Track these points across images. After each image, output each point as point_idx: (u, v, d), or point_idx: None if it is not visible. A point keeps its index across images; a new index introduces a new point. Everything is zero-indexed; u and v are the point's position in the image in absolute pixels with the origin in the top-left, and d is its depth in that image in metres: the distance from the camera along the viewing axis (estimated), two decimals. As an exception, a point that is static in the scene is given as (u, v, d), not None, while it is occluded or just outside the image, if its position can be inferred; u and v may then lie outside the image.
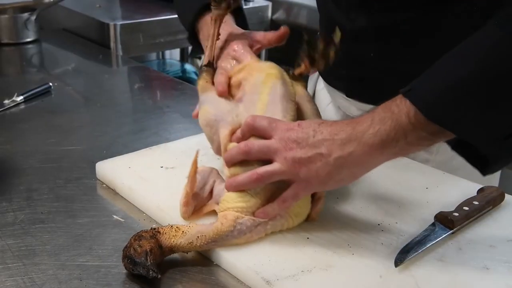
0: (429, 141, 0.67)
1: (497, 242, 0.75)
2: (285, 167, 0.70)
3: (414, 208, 0.82)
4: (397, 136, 0.66)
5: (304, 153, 0.69)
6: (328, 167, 0.69)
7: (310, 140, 0.69)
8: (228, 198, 0.74)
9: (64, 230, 0.77)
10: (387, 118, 0.66)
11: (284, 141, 0.71)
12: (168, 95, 1.40)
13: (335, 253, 0.71)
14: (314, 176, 0.69)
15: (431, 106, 0.64)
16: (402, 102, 0.66)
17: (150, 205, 0.81)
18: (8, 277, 0.67)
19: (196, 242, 0.69)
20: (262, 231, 0.73)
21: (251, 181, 0.72)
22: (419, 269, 0.69)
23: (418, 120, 0.65)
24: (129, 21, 1.80)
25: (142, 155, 0.94)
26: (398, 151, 0.68)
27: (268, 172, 0.71)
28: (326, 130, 0.70)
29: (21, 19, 1.65)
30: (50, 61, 1.65)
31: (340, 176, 0.70)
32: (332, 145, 0.68)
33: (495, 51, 0.64)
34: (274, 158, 0.71)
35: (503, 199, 0.84)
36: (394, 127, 0.66)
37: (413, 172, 0.93)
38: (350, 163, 0.69)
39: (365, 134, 0.67)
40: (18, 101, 1.22)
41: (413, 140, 0.66)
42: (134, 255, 0.65)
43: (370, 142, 0.67)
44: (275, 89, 0.80)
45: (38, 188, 0.87)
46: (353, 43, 0.95)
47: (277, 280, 0.65)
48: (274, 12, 2.32)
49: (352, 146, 0.68)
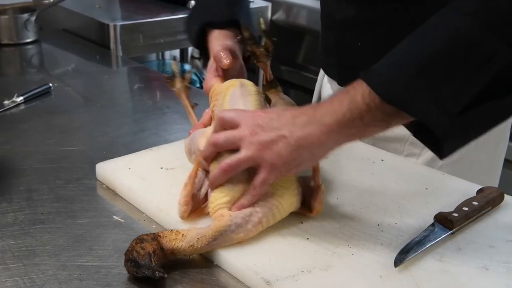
0: (385, 123, 0.70)
1: (496, 242, 0.75)
2: (251, 152, 0.72)
3: (413, 208, 0.82)
4: (353, 116, 0.68)
5: (268, 136, 0.72)
6: (289, 147, 0.71)
7: (274, 123, 0.72)
8: (212, 198, 0.76)
9: (64, 230, 0.77)
10: (344, 100, 0.69)
11: (250, 127, 0.73)
12: (168, 95, 1.40)
13: (335, 254, 0.71)
14: (277, 157, 0.71)
15: (383, 85, 0.67)
16: (358, 84, 0.69)
17: (150, 205, 0.81)
18: (8, 278, 0.67)
19: (197, 244, 0.69)
20: (257, 223, 0.73)
21: (222, 172, 0.74)
22: (419, 269, 0.69)
23: (372, 100, 0.67)
24: (129, 22, 1.80)
25: (142, 156, 0.94)
26: (355, 132, 0.70)
27: (235, 159, 0.73)
28: (289, 114, 0.73)
29: (21, 19, 1.65)
30: (50, 62, 1.66)
31: (302, 157, 0.72)
32: (293, 126, 0.71)
33: (447, 31, 0.67)
34: (241, 145, 0.73)
35: (502, 200, 0.84)
36: (349, 107, 0.68)
37: (412, 172, 0.94)
38: (310, 143, 0.71)
39: (325, 114, 0.70)
40: (18, 102, 1.22)
41: (369, 121, 0.69)
42: (137, 258, 0.65)
43: (327, 122, 0.70)
44: (234, 92, 0.85)
45: (38, 188, 0.87)
46: (342, 32, 0.98)
47: (277, 281, 0.65)
48: (274, 13, 2.32)
49: (311, 127, 0.70)
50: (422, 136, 0.72)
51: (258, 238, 0.73)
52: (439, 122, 0.67)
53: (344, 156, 0.95)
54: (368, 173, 0.92)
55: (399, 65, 0.68)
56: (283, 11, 2.32)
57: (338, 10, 1.00)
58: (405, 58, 0.68)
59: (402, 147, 1.03)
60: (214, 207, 0.75)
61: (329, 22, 1.06)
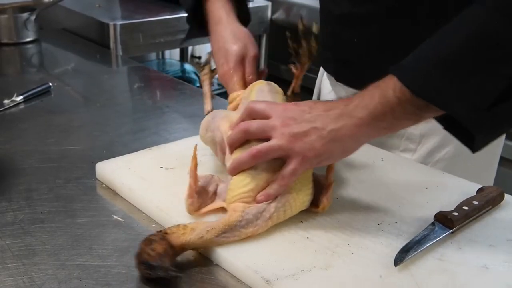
0: (416, 116, 0.71)
1: (496, 242, 0.75)
2: (282, 142, 0.73)
3: (413, 207, 0.82)
4: (384, 109, 0.70)
5: (300, 127, 0.72)
6: (322, 139, 0.72)
7: (306, 116, 0.73)
8: (232, 186, 0.75)
9: (63, 230, 0.77)
10: (375, 94, 0.71)
11: (281, 118, 0.74)
12: (168, 95, 1.40)
13: (335, 253, 0.71)
14: (310, 148, 0.72)
15: (414, 80, 0.68)
16: (389, 78, 0.70)
17: (150, 205, 0.81)
18: (8, 277, 0.67)
19: (207, 235, 0.69)
20: (268, 219, 0.73)
21: (251, 157, 0.74)
22: (419, 269, 0.69)
23: (403, 94, 0.68)
24: (129, 21, 1.80)
25: (142, 155, 0.94)
26: (386, 125, 0.72)
27: (266, 147, 0.73)
28: (321, 107, 0.74)
29: (21, 19, 1.65)
30: (50, 61, 1.65)
31: (334, 150, 0.74)
32: (326, 119, 0.72)
33: (474, 25, 0.67)
34: (272, 134, 0.74)
35: (502, 199, 0.84)
36: (381, 101, 0.70)
37: (412, 172, 0.94)
38: (343, 135, 0.72)
39: (356, 108, 0.71)
40: (17, 101, 1.22)
41: (400, 115, 0.70)
42: (149, 260, 0.64)
43: (359, 115, 0.71)
44: (261, 88, 0.87)
45: (37, 188, 0.87)
46: (338, 27, 0.99)
47: (277, 280, 0.65)
48: (274, 12, 2.32)
49: (344, 120, 0.72)
50: (453, 130, 0.73)
51: (258, 237, 0.73)
52: (469, 116, 0.68)
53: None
54: (368, 173, 0.92)
55: (429, 59, 0.69)
56: (283, 10, 2.32)
57: (334, 5, 1.01)
58: (434, 53, 0.69)
59: (399, 142, 1.03)
60: (235, 195, 0.74)
61: (326, 17, 1.06)
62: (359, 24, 0.98)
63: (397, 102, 0.69)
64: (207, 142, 0.87)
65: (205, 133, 0.86)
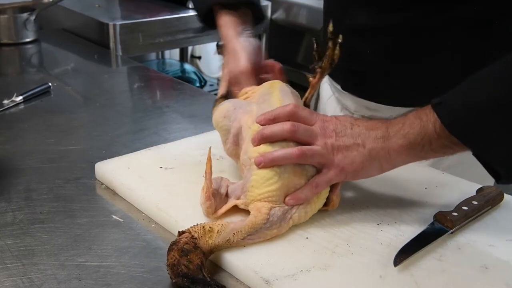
0: (452, 150, 0.73)
1: (496, 242, 0.75)
2: (325, 151, 0.75)
3: (413, 207, 0.82)
4: (423, 141, 0.72)
5: (343, 141, 0.75)
6: (362, 156, 0.74)
7: (348, 131, 0.76)
8: (255, 183, 0.74)
9: (63, 230, 0.77)
10: (416, 124, 0.73)
11: (324, 129, 0.76)
12: (168, 95, 1.40)
13: (334, 253, 0.71)
14: (349, 163, 0.75)
15: (455, 122, 0.70)
16: (431, 113, 0.72)
17: (149, 205, 0.81)
18: (7, 277, 0.67)
19: (233, 238, 0.69)
20: (290, 220, 0.74)
21: (293, 156, 0.74)
22: (418, 269, 0.69)
23: (442, 131, 0.71)
24: (129, 21, 1.80)
25: (141, 155, 0.94)
26: (423, 155, 0.74)
27: (311, 150, 0.75)
28: (362, 125, 0.76)
29: (21, 19, 1.65)
30: (50, 61, 1.65)
31: (371, 167, 0.76)
32: (368, 138, 0.75)
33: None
34: (315, 142, 0.76)
35: (502, 199, 0.84)
36: (421, 133, 0.72)
37: (412, 172, 0.93)
38: (381, 156, 0.75)
39: (397, 134, 0.74)
40: (17, 101, 1.22)
41: (437, 148, 0.73)
42: (189, 273, 0.63)
43: (400, 142, 0.73)
44: (283, 88, 0.87)
45: (37, 188, 0.87)
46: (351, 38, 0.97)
47: (276, 280, 0.65)
48: (274, 12, 2.32)
49: (384, 142, 0.74)
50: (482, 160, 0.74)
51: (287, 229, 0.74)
52: (505, 163, 0.70)
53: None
54: (367, 173, 0.92)
55: (471, 103, 0.70)
56: (283, 10, 2.32)
57: (347, 16, 0.99)
58: (479, 97, 0.70)
59: None
60: (261, 194, 0.73)
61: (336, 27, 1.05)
62: (374, 36, 0.98)
63: (435, 137, 0.71)
64: (220, 128, 0.84)
65: (222, 120, 0.83)
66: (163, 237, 0.76)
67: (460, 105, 0.70)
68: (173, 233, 0.75)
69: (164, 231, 0.77)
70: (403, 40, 0.95)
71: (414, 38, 0.94)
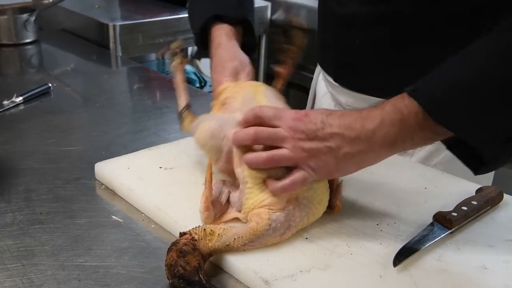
0: (431, 140, 0.71)
1: (495, 242, 0.75)
2: (294, 155, 0.71)
3: (412, 208, 0.82)
4: (405, 138, 0.69)
5: (314, 144, 0.70)
6: (336, 160, 0.71)
7: (320, 132, 0.70)
8: (249, 194, 0.74)
9: (62, 230, 0.77)
10: (397, 121, 0.68)
11: (292, 130, 0.71)
12: (167, 95, 1.40)
13: (334, 253, 0.71)
14: (322, 166, 0.71)
15: (440, 109, 0.66)
16: (411, 104, 0.67)
17: (149, 205, 0.81)
18: (7, 278, 0.67)
19: (233, 244, 0.69)
20: (293, 227, 0.73)
21: (260, 160, 0.73)
22: (418, 269, 0.69)
23: (426, 123, 0.67)
24: (129, 22, 1.80)
25: (141, 155, 0.94)
26: (403, 150, 0.72)
27: (278, 155, 0.72)
28: (335, 123, 0.71)
29: (21, 19, 1.65)
30: (50, 62, 1.65)
31: (348, 168, 0.73)
32: (342, 140, 0.70)
33: (502, 55, 0.65)
34: (283, 145, 0.72)
35: (501, 199, 0.84)
36: (401, 128, 0.68)
37: (411, 172, 0.93)
38: (358, 158, 0.71)
39: (375, 135, 0.69)
40: (17, 102, 1.22)
41: (419, 140, 0.70)
42: (185, 274, 0.63)
43: (379, 143, 0.69)
44: (267, 92, 0.85)
45: (37, 188, 0.87)
46: (342, 29, 0.98)
47: (276, 280, 0.65)
48: (274, 13, 2.32)
49: (361, 145, 0.70)
50: (457, 151, 0.72)
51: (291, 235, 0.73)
52: (490, 147, 0.68)
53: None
54: (367, 173, 0.92)
55: (453, 86, 0.66)
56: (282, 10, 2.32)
57: (338, 5, 1.00)
58: (459, 80, 0.67)
59: None
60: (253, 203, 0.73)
61: (328, 18, 1.05)
62: (364, 25, 0.97)
63: (418, 130, 0.68)
64: (209, 148, 0.80)
65: (210, 140, 0.79)
66: (163, 237, 0.76)
67: (438, 88, 0.67)
68: (172, 234, 0.75)
69: (163, 232, 0.77)
70: (395, 31, 0.94)
71: (406, 28, 0.93)
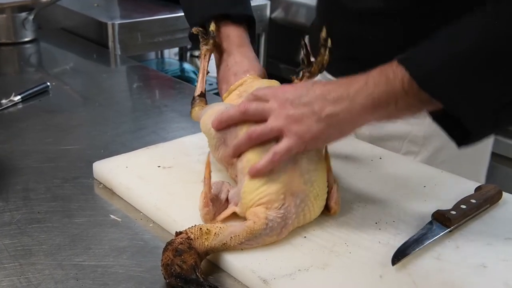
0: (417, 109, 0.70)
1: (494, 240, 0.75)
2: (277, 123, 0.72)
3: (411, 206, 0.82)
4: (389, 100, 0.69)
5: (298, 110, 0.72)
6: (319, 123, 0.71)
7: (304, 98, 0.72)
8: (247, 188, 0.73)
9: (60, 229, 0.77)
10: (382, 82, 0.69)
11: (279, 101, 0.73)
12: (167, 94, 1.40)
13: (332, 252, 0.71)
14: (306, 131, 0.71)
15: (426, 76, 0.67)
16: (398, 69, 0.68)
17: (148, 204, 0.80)
18: (4, 277, 0.67)
19: (230, 242, 0.69)
20: (290, 225, 0.73)
21: (247, 138, 0.74)
22: (417, 268, 0.69)
23: (411, 88, 0.67)
24: (128, 20, 1.80)
25: (140, 154, 0.94)
26: (387, 114, 0.71)
27: (262, 127, 0.73)
28: (319, 89, 0.72)
29: (19, 18, 1.65)
30: (48, 61, 1.65)
31: (331, 133, 0.73)
32: (324, 102, 0.71)
33: (491, 28, 0.66)
34: (269, 117, 0.73)
35: (500, 197, 0.84)
36: (387, 91, 0.68)
37: (410, 170, 0.93)
38: (341, 119, 0.71)
39: (358, 94, 0.70)
40: (16, 101, 1.21)
41: (403, 106, 0.69)
42: (182, 273, 0.62)
43: (362, 103, 0.69)
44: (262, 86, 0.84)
45: (35, 187, 0.87)
46: (353, 23, 0.96)
47: (274, 279, 0.65)
48: (273, 11, 2.32)
49: (344, 104, 0.70)
50: (442, 122, 0.72)
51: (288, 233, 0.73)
52: (475, 118, 0.67)
53: (342, 154, 0.95)
54: (366, 171, 0.92)
55: (442, 56, 0.67)
56: (281, 9, 2.32)
57: (351, 1, 0.98)
58: (448, 50, 0.67)
59: (401, 145, 1.03)
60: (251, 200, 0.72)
61: (338, 13, 1.03)
62: (378, 20, 0.96)
63: (403, 95, 0.68)
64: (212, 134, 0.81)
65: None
66: (161, 236, 0.76)
67: (427, 57, 0.67)
68: (171, 233, 0.75)
69: (162, 231, 0.77)
70: (408, 26, 0.93)
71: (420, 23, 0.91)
